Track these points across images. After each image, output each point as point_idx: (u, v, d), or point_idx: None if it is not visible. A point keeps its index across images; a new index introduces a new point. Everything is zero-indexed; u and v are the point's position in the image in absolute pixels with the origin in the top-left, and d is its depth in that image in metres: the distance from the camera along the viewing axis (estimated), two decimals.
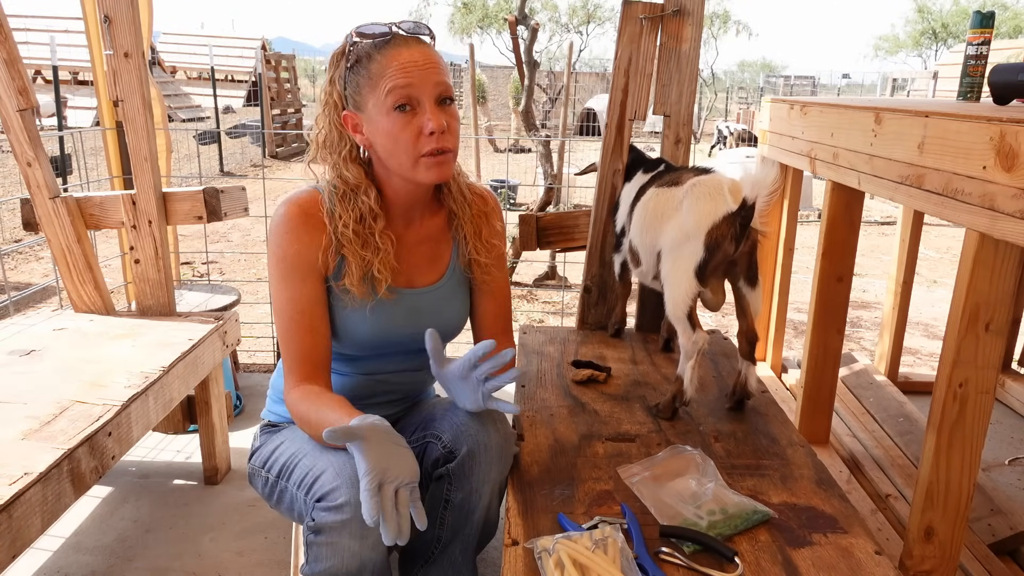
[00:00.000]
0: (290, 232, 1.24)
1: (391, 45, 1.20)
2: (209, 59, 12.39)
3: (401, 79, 1.17)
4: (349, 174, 1.26)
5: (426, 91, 1.18)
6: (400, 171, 1.23)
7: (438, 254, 1.38)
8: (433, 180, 1.23)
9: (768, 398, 1.64)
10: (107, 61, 1.93)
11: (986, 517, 1.81)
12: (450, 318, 1.40)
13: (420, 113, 1.19)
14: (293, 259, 1.24)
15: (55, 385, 1.59)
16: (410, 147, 1.19)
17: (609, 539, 1.07)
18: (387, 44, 1.20)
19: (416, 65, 1.18)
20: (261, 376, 2.89)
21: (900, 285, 2.67)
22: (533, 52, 5.25)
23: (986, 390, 1.36)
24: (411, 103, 1.18)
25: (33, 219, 2.02)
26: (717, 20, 20.81)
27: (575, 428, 1.48)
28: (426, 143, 1.19)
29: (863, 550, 1.11)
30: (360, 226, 1.25)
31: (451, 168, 1.25)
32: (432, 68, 1.20)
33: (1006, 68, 1.52)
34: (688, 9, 1.96)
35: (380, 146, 1.22)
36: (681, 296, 1.47)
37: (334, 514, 1.11)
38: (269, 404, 1.46)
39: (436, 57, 1.22)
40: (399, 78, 1.17)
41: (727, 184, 1.44)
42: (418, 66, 1.18)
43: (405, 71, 1.17)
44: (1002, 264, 1.31)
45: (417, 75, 1.18)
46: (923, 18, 29.04)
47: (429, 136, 1.18)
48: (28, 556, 1.77)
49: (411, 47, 1.20)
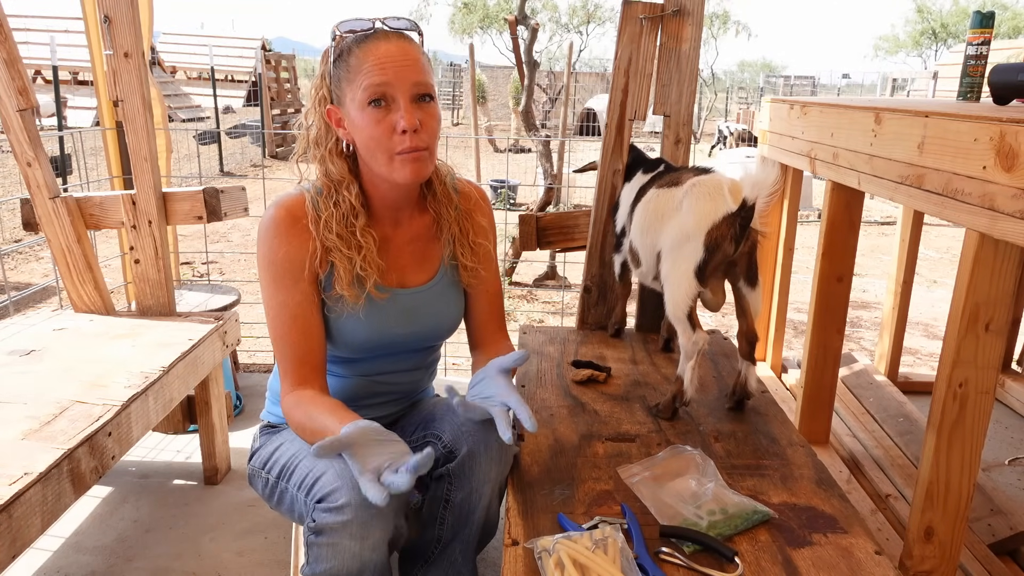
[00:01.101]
0: (279, 236, 1.24)
1: (371, 40, 1.19)
2: (209, 59, 12.39)
3: (376, 75, 1.16)
4: (334, 168, 1.25)
5: (401, 88, 1.17)
6: (378, 169, 1.22)
7: (429, 253, 1.37)
8: (408, 178, 1.21)
9: (768, 398, 1.64)
10: (107, 61, 1.94)
11: (986, 517, 1.81)
12: (445, 317, 1.39)
13: (394, 110, 1.18)
14: (283, 263, 1.24)
15: (55, 385, 1.59)
16: (384, 144, 1.18)
17: (609, 539, 1.07)
18: (367, 39, 1.19)
19: (393, 61, 1.17)
20: (261, 376, 2.89)
21: (900, 285, 2.67)
22: (533, 52, 5.25)
23: (986, 390, 1.36)
24: (386, 99, 1.17)
25: (33, 219, 2.02)
26: (717, 20, 20.82)
27: (575, 428, 1.48)
28: (399, 141, 1.18)
29: (863, 550, 1.11)
30: (341, 225, 1.24)
31: (428, 166, 1.23)
32: (410, 65, 1.18)
33: (1006, 68, 1.52)
34: (688, 9, 1.96)
35: (359, 142, 1.22)
36: (681, 296, 1.47)
37: (335, 515, 1.11)
38: (268, 405, 1.46)
39: (416, 53, 1.20)
40: (374, 73, 1.16)
41: (727, 184, 1.44)
42: (395, 62, 1.17)
43: (381, 66, 1.16)
44: (1002, 264, 1.31)
45: (393, 71, 1.16)
46: (923, 18, 29.05)
47: (402, 134, 1.17)
48: (28, 556, 1.77)
49: (391, 42, 1.19)
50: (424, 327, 1.35)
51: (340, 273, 1.24)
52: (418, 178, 1.22)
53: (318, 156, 1.27)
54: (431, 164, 1.25)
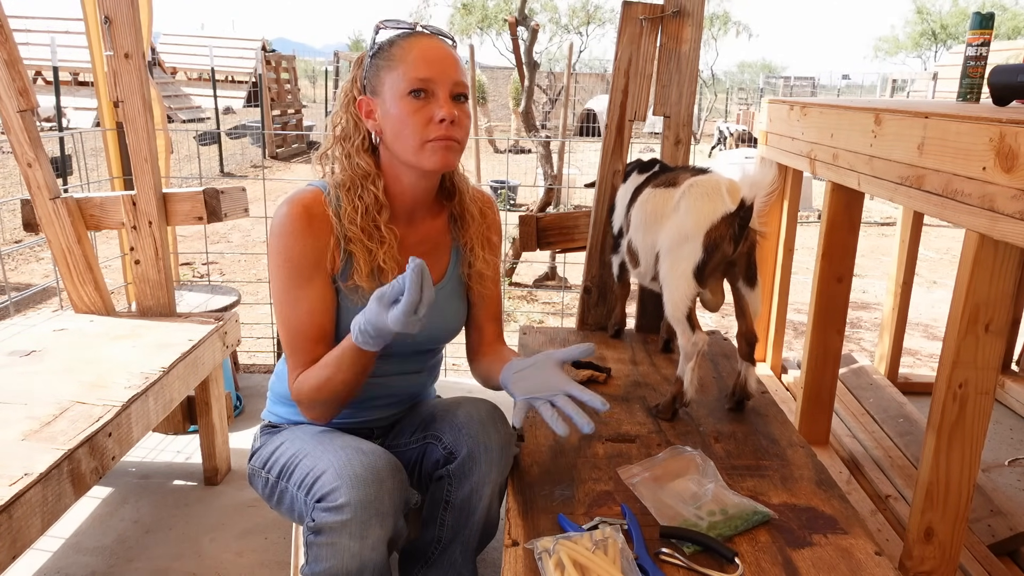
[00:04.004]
0: (295, 232, 1.24)
1: (414, 35, 1.24)
2: (209, 60, 12.40)
3: (421, 67, 1.20)
4: (361, 161, 1.27)
5: (443, 83, 1.21)
6: (405, 155, 1.24)
7: (437, 256, 1.38)
8: (437, 166, 1.23)
9: (768, 399, 1.64)
10: (107, 62, 1.94)
11: (986, 518, 1.81)
12: (450, 320, 1.40)
13: (433, 102, 1.21)
14: (299, 259, 1.24)
15: (55, 386, 1.59)
16: (419, 130, 1.21)
17: (609, 540, 1.07)
18: (411, 34, 1.24)
19: (438, 56, 1.22)
20: (261, 377, 2.89)
21: (900, 286, 2.67)
22: (533, 53, 5.25)
23: (986, 391, 1.36)
24: (427, 92, 1.20)
25: (33, 220, 2.02)
26: (717, 21, 20.81)
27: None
28: (435, 129, 1.20)
29: (863, 551, 1.11)
30: (366, 219, 1.25)
31: (456, 157, 1.26)
32: (452, 64, 1.23)
33: (1006, 69, 1.52)
34: (688, 10, 1.96)
35: (389, 129, 1.23)
36: (680, 297, 1.47)
37: (334, 515, 1.11)
38: (269, 405, 1.46)
39: (456, 56, 1.26)
40: (419, 65, 1.20)
41: (725, 184, 1.44)
42: (439, 56, 1.22)
43: (426, 59, 1.21)
44: (1002, 265, 1.31)
45: (437, 66, 1.21)
46: (922, 19, 29.05)
47: (439, 123, 1.20)
48: (28, 556, 1.77)
49: (434, 40, 1.24)
50: (430, 330, 1.35)
51: (359, 264, 1.25)
52: (446, 166, 1.24)
53: (343, 151, 1.29)
54: (458, 156, 1.27)
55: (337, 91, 1.35)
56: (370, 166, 1.27)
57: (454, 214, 1.39)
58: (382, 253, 1.26)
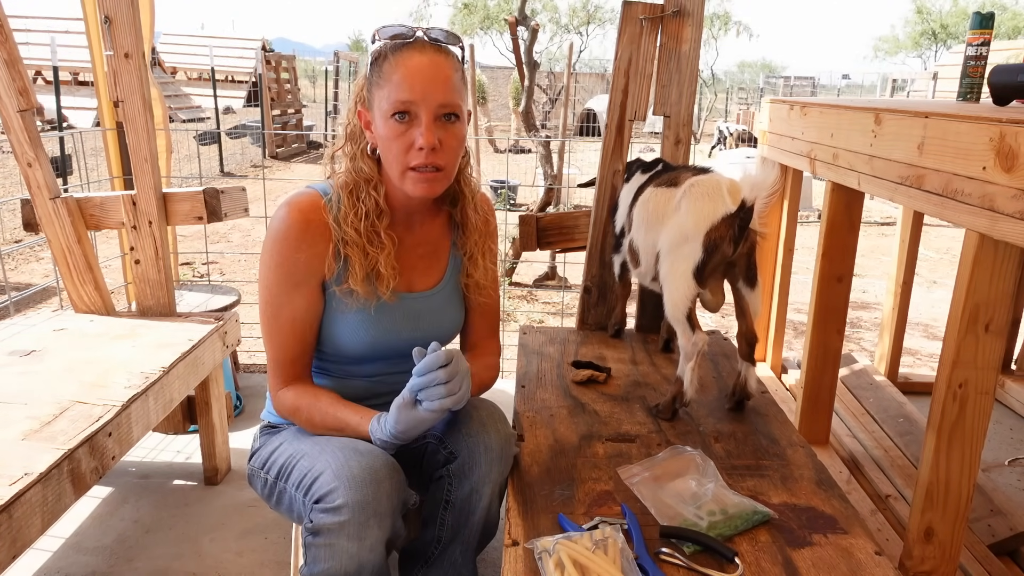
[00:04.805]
0: (290, 240, 1.24)
1: (406, 49, 1.17)
2: (209, 60, 12.38)
3: (403, 89, 1.15)
4: (364, 165, 1.26)
5: (427, 105, 1.16)
6: (392, 176, 1.23)
7: (435, 258, 1.38)
8: (418, 195, 1.22)
9: (768, 399, 1.64)
10: (107, 62, 1.94)
11: (986, 518, 1.81)
12: (447, 323, 1.40)
13: (416, 125, 1.17)
14: (291, 266, 1.24)
15: (55, 385, 1.59)
16: (400, 156, 1.19)
17: (609, 540, 1.07)
18: (403, 47, 1.18)
19: (422, 76, 1.15)
20: (261, 376, 2.89)
21: (900, 286, 2.67)
22: (533, 53, 5.25)
23: (986, 391, 1.36)
24: (410, 113, 1.17)
25: (33, 219, 2.02)
26: (717, 21, 20.80)
27: (575, 428, 1.48)
28: (415, 156, 1.18)
29: (863, 550, 1.11)
30: (366, 223, 1.25)
31: (439, 186, 1.23)
32: (440, 82, 1.16)
33: (1006, 69, 1.52)
34: (688, 10, 1.96)
35: (380, 147, 1.23)
36: (680, 297, 1.47)
37: (332, 515, 1.11)
38: (268, 405, 1.45)
39: (449, 71, 1.18)
40: (401, 87, 1.16)
41: (725, 184, 1.44)
42: (424, 78, 1.15)
43: (411, 80, 1.15)
44: (1002, 265, 1.31)
45: (420, 88, 1.15)
46: (922, 19, 29.05)
47: (419, 151, 1.17)
48: (28, 556, 1.77)
49: (426, 55, 1.17)
50: (428, 332, 1.35)
51: (355, 269, 1.25)
52: (428, 196, 1.23)
53: (350, 152, 1.28)
54: (444, 184, 1.24)
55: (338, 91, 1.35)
56: (372, 171, 1.27)
57: (455, 219, 1.39)
58: (382, 259, 1.26)
